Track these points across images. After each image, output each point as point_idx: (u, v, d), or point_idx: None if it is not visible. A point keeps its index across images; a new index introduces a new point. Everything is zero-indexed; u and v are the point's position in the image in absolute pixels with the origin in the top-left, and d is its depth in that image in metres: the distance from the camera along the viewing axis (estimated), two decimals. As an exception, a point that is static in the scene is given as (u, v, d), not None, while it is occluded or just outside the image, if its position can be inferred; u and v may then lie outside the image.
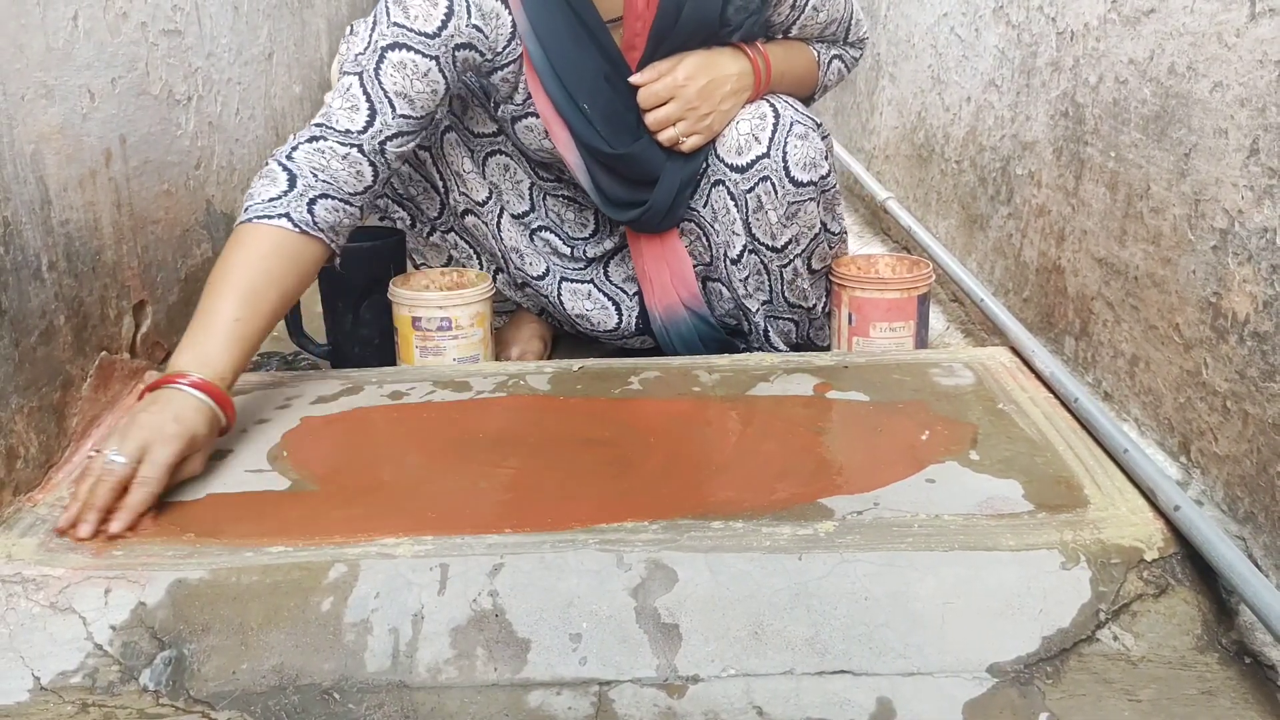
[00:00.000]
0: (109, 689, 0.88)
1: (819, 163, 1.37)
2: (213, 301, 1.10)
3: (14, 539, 0.97)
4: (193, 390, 1.04)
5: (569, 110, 1.32)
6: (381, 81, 1.25)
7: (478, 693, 0.87)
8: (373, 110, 1.25)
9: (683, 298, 1.46)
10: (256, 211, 1.16)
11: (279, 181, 1.18)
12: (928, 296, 1.48)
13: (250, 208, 1.17)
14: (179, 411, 1.01)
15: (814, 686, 0.87)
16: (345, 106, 1.25)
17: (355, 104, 1.25)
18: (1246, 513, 0.95)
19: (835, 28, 1.45)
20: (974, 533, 0.96)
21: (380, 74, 1.25)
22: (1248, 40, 0.94)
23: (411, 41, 1.25)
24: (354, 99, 1.25)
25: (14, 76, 1.04)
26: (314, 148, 1.22)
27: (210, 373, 1.06)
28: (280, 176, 1.19)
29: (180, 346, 1.08)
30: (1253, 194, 0.94)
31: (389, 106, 1.25)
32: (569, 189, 1.50)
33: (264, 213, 1.16)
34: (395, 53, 1.25)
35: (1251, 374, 0.94)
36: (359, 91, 1.25)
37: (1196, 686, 0.87)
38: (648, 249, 1.45)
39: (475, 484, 1.06)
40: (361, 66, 1.26)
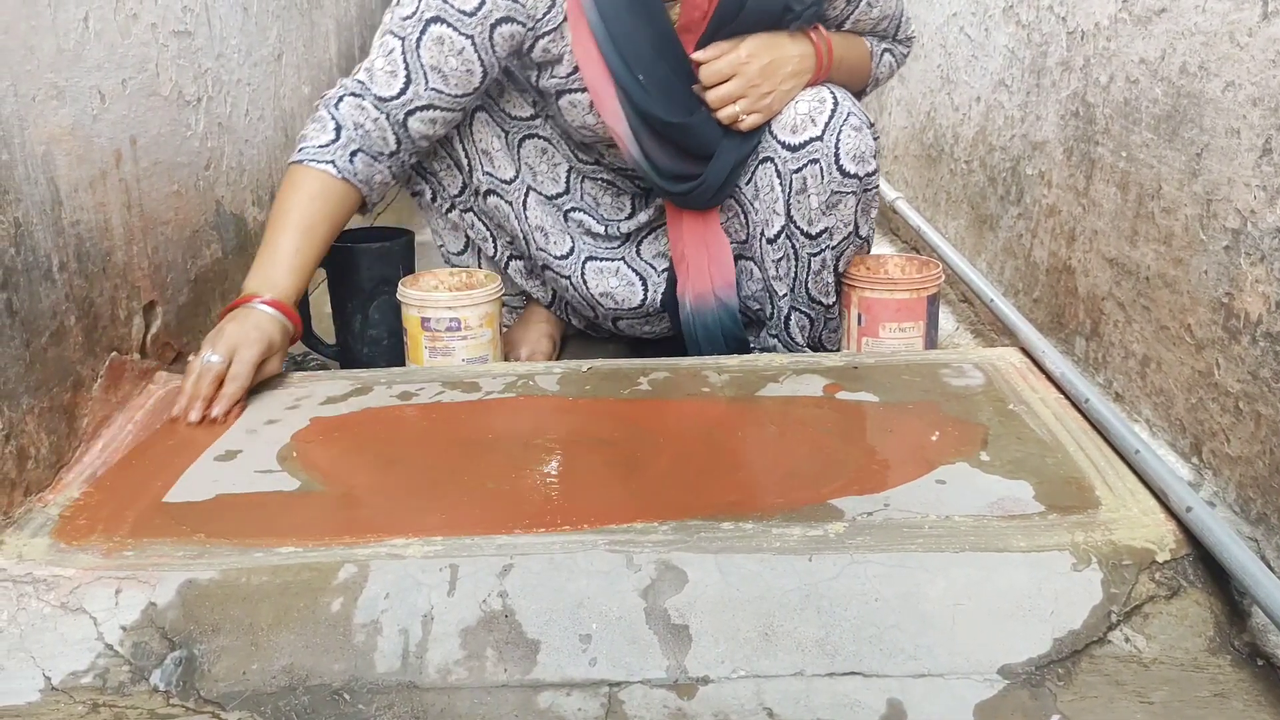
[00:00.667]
0: (119, 689, 0.88)
1: (868, 159, 1.39)
2: (275, 235, 1.29)
3: (25, 539, 0.97)
4: (265, 307, 1.24)
5: (626, 79, 1.33)
6: (420, 53, 1.32)
7: (488, 694, 0.87)
8: (408, 79, 1.33)
9: (715, 285, 1.46)
10: (309, 155, 1.32)
11: (328, 129, 1.33)
12: (937, 297, 1.48)
13: (304, 149, 1.32)
14: (257, 321, 1.23)
15: (824, 688, 0.87)
16: (386, 70, 1.33)
17: (395, 69, 1.33)
18: (1259, 514, 0.95)
19: (886, 24, 1.46)
20: (985, 534, 0.95)
21: (420, 45, 1.32)
22: (1260, 39, 0.94)
23: (450, 18, 1.30)
24: (395, 64, 1.33)
25: (25, 78, 1.04)
26: (355, 103, 1.33)
27: (278, 293, 1.26)
28: (329, 125, 1.33)
29: (250, 274, 1.28)
30: (1265, 194, 0.93)
31: (423, 78, 1.32)
32: (608, 172, 1.50)
33: (314, 157, 1.32)
34: (436, 27, 1.31)
35: (1264, 375, 0.94)
36: (399, 58, 1.33)
37: (1209, 689, 0.86)
38: (689, 229, 1.45)
39: (484, 485, 1.06)
40: (406, 32, 1.32)
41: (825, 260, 1.43)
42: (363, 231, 1.62)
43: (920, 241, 1.97)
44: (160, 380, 1.29)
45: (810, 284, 1.45)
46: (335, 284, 1.50)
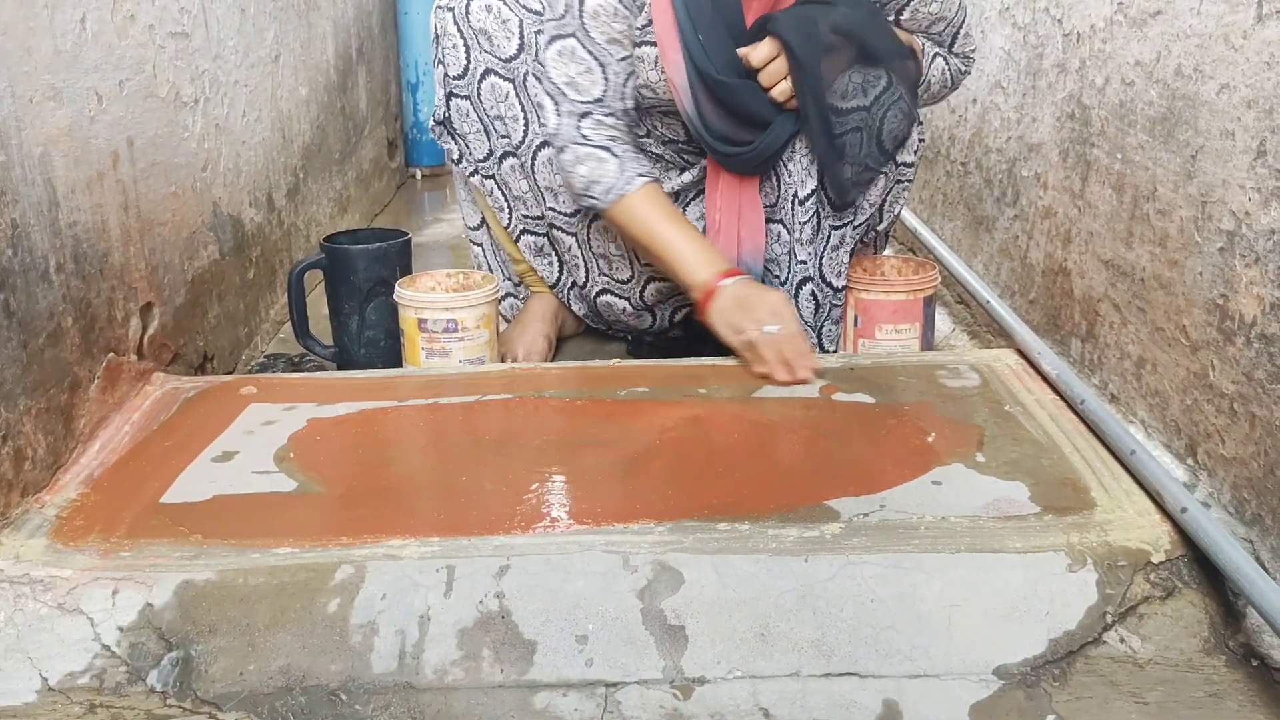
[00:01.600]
0: (116, 690, 0.88)
1: (908, 148, 1.41)
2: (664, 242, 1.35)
3: (22, 540, 0.97)
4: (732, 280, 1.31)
5: (689, 35, 1.34)
6: (593, 35, 1.34)
7: (484, 694, 0.87)
8: (603, 66, 1.35)
9: (744, 249, 1.45)
10: (618, 188, 1.36)
11: (606, 160, 1.36)
12: (933, 298, 1.48)
13: (610, 189, 1.36)
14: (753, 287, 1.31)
15: (820, 688, 0.87)
16: (581, 71, 1.36)
17: (588, 66, 1.35)
18: (1254, 515, 0.95)
19: (944, 27, 1.43)
20: (980, 535, 0.96)
21: (589, 29, 1.34)
22: (1254, 42, 0.94)
23: None
24: (584, 61, 1.35)
25: (22, 79, 1.04)
26: (593, 122, 1.37)
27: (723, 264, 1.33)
28: (602, 155, 1.36)
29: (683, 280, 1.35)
30: (1260, 196, 0.94)
31: (610, 56, 1.36)
32: (657, 144, 1.50)
33: (623, 185, 1.36)
34: (589, 2, 1.33)
35: (1259, 376, 0.94)
36: (584, 53, 1.35)
37: (1204, 689, 0.87)
38: (725, 193, 1.44)
39: (481, 485, 1.06)
40: (573, 26, 1.35)
41: (845, 237, 1.43)
42: (360, 233, 1.63)
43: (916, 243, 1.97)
44: (157, 381, 1.29)
45: (825, 260, 1.45)
46: (332, 285, 1.50)
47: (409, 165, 2.94)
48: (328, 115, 2.16)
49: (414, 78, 2.84)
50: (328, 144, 2.15)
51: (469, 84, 1.51)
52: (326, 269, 1.50)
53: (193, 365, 1.42)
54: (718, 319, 1.29)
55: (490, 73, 1.49)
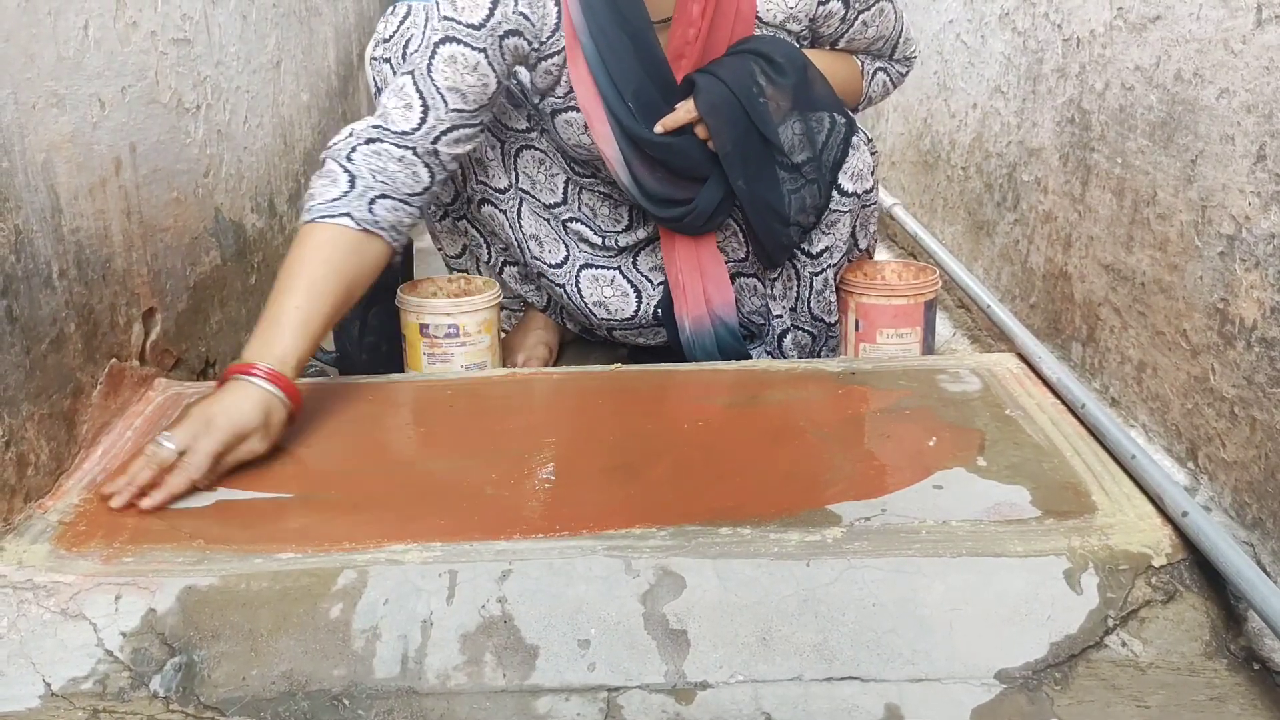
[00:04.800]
0: (119, 695, 0.88)
1: (865, 175, 1.40)
2: (276, 296, 1.17)
3: (25, 545, 0.97)
4: (258, 380, 1.10)
5: (615, 103, 1.32)
6: (433, 77, 1.28)
7: (487, 699, 0.87)
8: (425, 107, 1.27)
9: (714, 306, 1.45)
10: (319, 211, 1.21)
11: (339, 182, 1.23)
12: (934, 303, 1.48)
13: (312, 207, 1.22)
14: (237, 402, 1.08)
15: (822, 693, 0.87)
16: (400, 105, 1.28)
17: (409, 102, 1.28)
18: (1254, 518, 0.95)
19: (882, 44, 1.44)
20: (982, 539, 0.96)
21: (432, 70, 1.28)
22: (1254, 47, 0.95)
23: (460, 35, 1.27)
24: (407, 97, 1.28)
25: (25, 85, 1.04)
26: (372, 150, 1.26)
27: (275, 360, 1.11)
28: (341, 177, 1.24)
29: (250, 340, 1.15)
30: (1260, 200, 0.94)
31: (441, 101, 1.28)
32: (605, 185, 1.50)
33: (326, 212, 1.21)
34: (445, 47, 1.27)
35: (1259, 380, 0.94)
36: (412, 90, 1.28)
37: (1205, 693, 0.87)
38: (682, 253, 1.44)
39: (483, 490, 1.06)
40: (414, 65, 1.29)
41: (827, 279, 1.44)
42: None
43: (917, 247, 1.97)
44: (159, 387, 1.29)
45: (813, 303, 1.45)
46: (334, 290, 1.50)
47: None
48: (329, 121, 2.16)
49: (415, 83, 2.84)
50: (329, 149, 2.15)
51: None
52: (328, 274, 1.50)
53: (195, 370, 1.42)
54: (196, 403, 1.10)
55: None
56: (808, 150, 1.34)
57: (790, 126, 1.33)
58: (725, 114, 1.31)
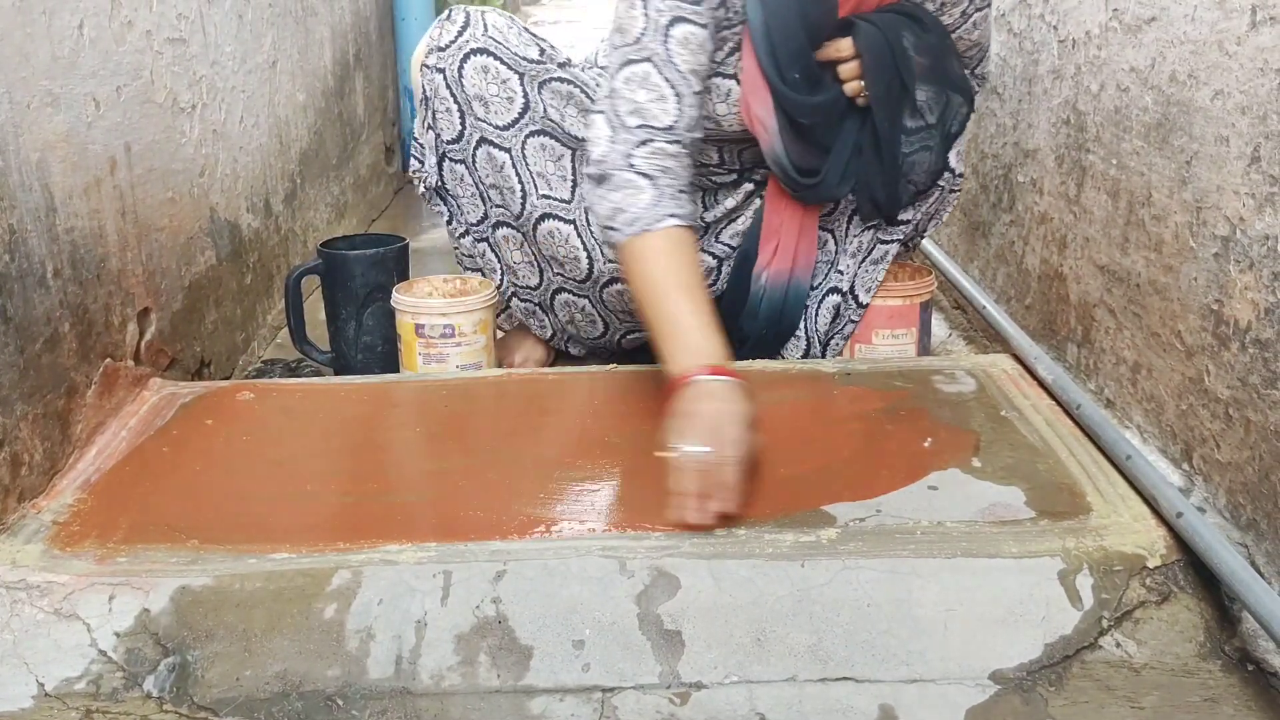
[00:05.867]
0: (113, 695, 0.88)
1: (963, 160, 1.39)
2: (662, 307, 1.15)
3: (18, 545, 0.97)
4: (710, 377, 1.08)
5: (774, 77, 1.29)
6: (675, 63, 1.24)
7: (481, 699, 0.87)
8: (678, 95, 1.24)
9: (798, 265, 1.44)
10: (644, 222, 1.19)
11: (642, 188, 1.21)
12: (930, 304, 1.48)
13: (634, 219, 1.19)
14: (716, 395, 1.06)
15: (817, 693, 0.87)
16: (653, 98, 1.23)
17: (662, 93, 1.23)
18: (1249, 520, 0.95)
19: (976, 52, 1.44)
20: (976, 539, 0.96)
21: (672, 54, 1.24)
22: (1248, 48, 0.95)
23: (687, 12, 1.24)
24: (658, 88, 1.23)
25: (20, 85, 1.04)
26: (648, 151, 1.22)
27: (710, 359, 1.10)
28: (640, 183, 1.21)
29: (667, 356, 1.13)
30: (1254, 201, 0.94)
31: (687, 86, 1.24)
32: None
33: (652, 220, 1.19)
34: (678, 28, 1.23)
35: (1253, 381, 0.94)
36: (660, 79, 1.23)
37: (1199, 694, 0.87)
38: (788, 215, 1.42)
39: (477, 490, 1.06)
40: (650, 50, 1.23)
41: (888, 252, 1.43)
42: (357, 238, 1.63)
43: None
44: (154, 387, 1.29)
45: (860, 273, 1.44)
46: (329, 290, 1.50)
47: (406, 171, 2.94)
48: (325, 121, 2.16)
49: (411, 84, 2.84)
50: (325, 150, 2.16)
51: (464, 149, 1.45)
52: (324, 274, 1.50)
53: (190, 371, 1.42)
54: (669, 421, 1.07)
55: (485, 142, 1.43)
56: (934, 115, 1.34)
57: (924, 89, 1.33)
58: (881, 56, 1.30)
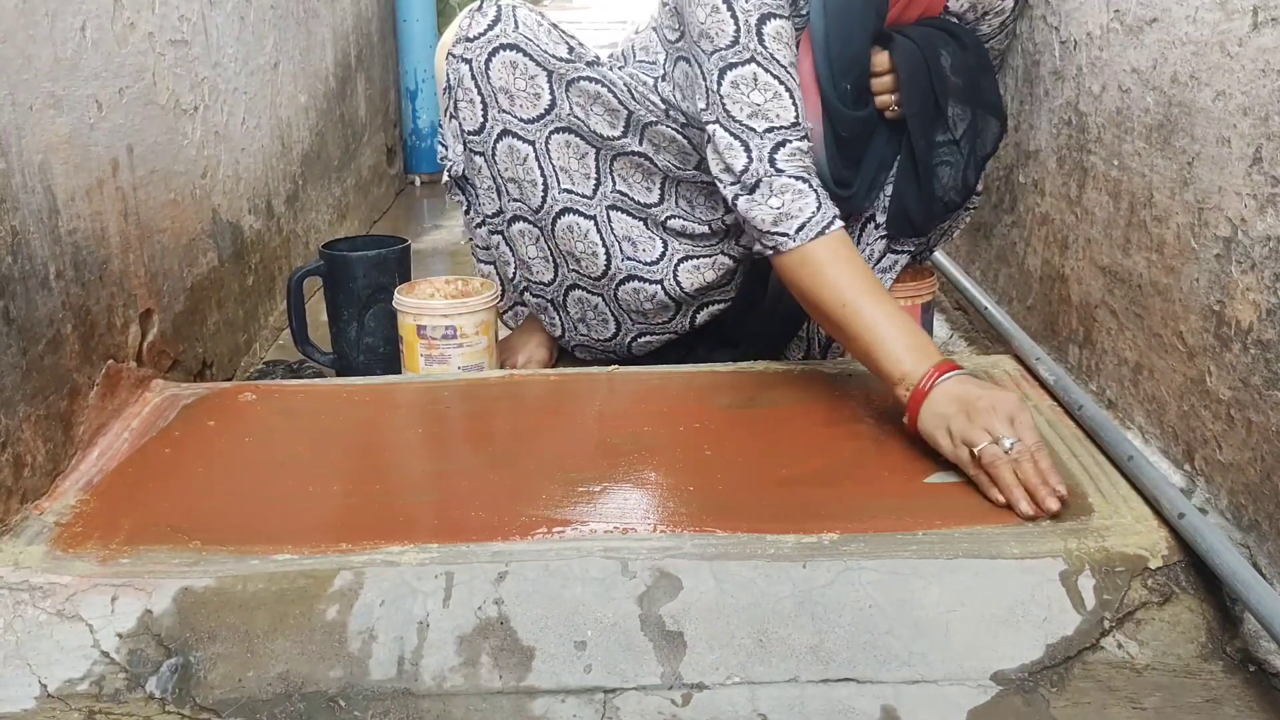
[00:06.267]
0: (115, 696, 0.88)
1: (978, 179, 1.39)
2: (869, 312, 1.14)
3: (21, 547, 0.97)
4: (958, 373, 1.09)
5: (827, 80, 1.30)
6: (776, 58, 1.23)
7: (483, 700, 0.87)
8: (789, 90, 1.23)
9: None
10: (816, 227, 1.19)
11: (804, 193, 1.21)
12: (931, 305, 1.48)
13: (806, 225, 1.19)
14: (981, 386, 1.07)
15: (818, 694, 0.87)
16: (769, 98, 1.23)
17: (776, 91, 1.23)
18: (1251, 521, 0.95)
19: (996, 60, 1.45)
20: (978, 540, 0.96)
21: (771, 51, 1.23)
22: (1250, 49, 0.95)
23: (773, 7, 1.23)
24: (770, 86, 1.23)
25: (22, 87, 1.04)
26: (789, 151, 1.22)
27: (938, 357, 1.11)
28: (801, 187, 1.21)
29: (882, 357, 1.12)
30: (1256, 202, 0.94)
31: (793, 78, 1.24)
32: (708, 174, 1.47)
33: (823, 225, 1.19)
34: (770, 24, 1.23)
35: (1255, 382, 0.94)
36: (769, 79, 1.23)
37: (1201, 694, 0.87)
38: None
39: (479, 491, 1.06)
40: (751, 51, 1.23)
41: (898, 262, 1.43)
42: (359, 239, 1.63)
43: (915, 249, 1.97)
44: (156, 388, 1.29)
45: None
46: (331, 292, 1.50)
47: (408, 172, 2.94)
48: (327, 122, 2.16)
49: (413, 85, 2.84)
50: (327, 151, 2.16)
51: (484, 141, 1.44)
52: (325, 276, 1.50)
53: (192, 372, 1.42)
54: (934, 424, 1.07)
55: (508, 134, 1.42)
56: (960, 131, 1.34)
57: (956, 105, 1.33)
58: (918, 74, 1.30)
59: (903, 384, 1.10)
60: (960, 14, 1.36)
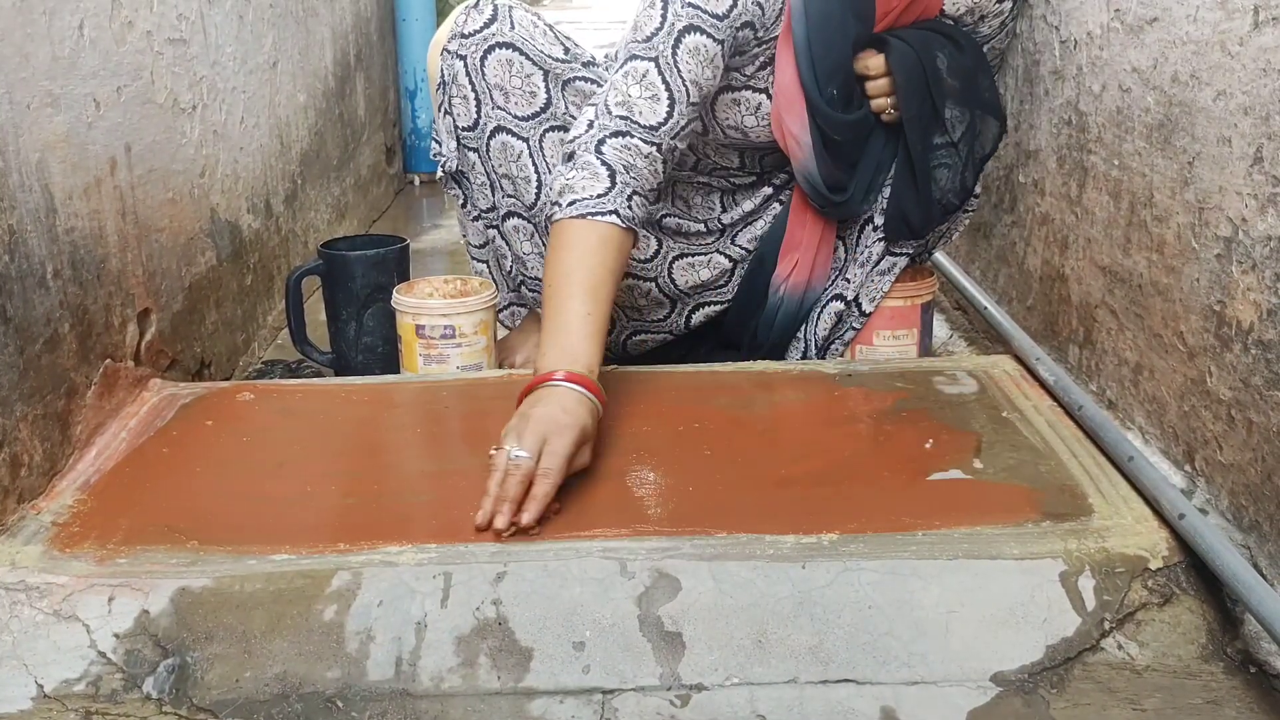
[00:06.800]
0: (112, 697, 0.88)
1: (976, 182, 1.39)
2: (561, 301, 1.15)
3: (18, 546, 0.97)
4: (569, 385, 1.08)
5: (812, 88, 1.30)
6: (679, 68, 1.23)
7: (481, 701, 0.87)
8: (672, 101, 1.23)
9: (814, 276, 1.44)
10: (587, 207, 1.18)
11: (600, 177, 1.20)
12: (931, 305, 1.48)
13: (576, 202, 1.19)
14: (565, 404, 1.06)
15: (818, 695, 0.87)
16: (646, 96, 1.23)
17: (656, 94, 1.23)
18: (1251, 521, 0.95)
19: (996, 59, 1.45)
20: (978, 541, 0.95)
21: (678, 60, 1.23)
22: (1251, 49, 0.94)
23: (705, 24, 1.23)
24: (654, 88, 1.23)
25: (20, 85, 1.04)
26: (621, 144, 1.22)
27: (579, 366, 1.10)
28: (600, 171, 1.20)
29: (542, 347, 1.13)
30: (1256, 202, 0.94)
31: (685, 94, 1.24)
32: (704, 174, 1.47)
33: (594, 209, 1.18)
34: (691, 36, 1.23)
35: (1255, 382, 0.94)
36: (657, 79, 1.23)
37: (1201, 696, 0.87)
38: (811, 229, 1.43)
39: (478, 492, 1.06)
40: (657, 51, 1.23)
41: (896, 264, 1.42)
42: (357, 239, 1.62)
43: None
44: (154, 388, 1.29)
45: (867, 282, 1.44)
46: (330, 291, 1.50)
47: (407, 171, 2.94)
48: (326, 122, 2.16)
49: (412, 84, 2.84)
50: (326, 150, 2.16)
51: (478, 137, 1.44)
52: (324, 275, 1.50)
53: (190, 371, 1.42)
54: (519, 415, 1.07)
55: (502, 130, 1.42)
56: (958, 133, 1.34)
57: (954, 108, 1.33)
58: (914, 77, 1.30)
59: (535, 370, 1.12)
60: (957, 17, 1.36)
